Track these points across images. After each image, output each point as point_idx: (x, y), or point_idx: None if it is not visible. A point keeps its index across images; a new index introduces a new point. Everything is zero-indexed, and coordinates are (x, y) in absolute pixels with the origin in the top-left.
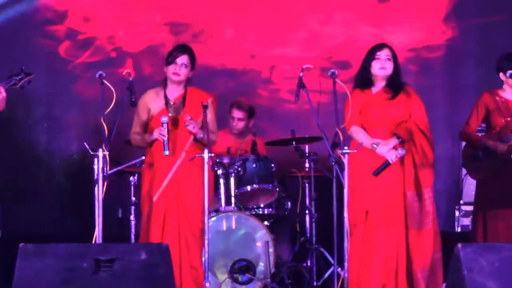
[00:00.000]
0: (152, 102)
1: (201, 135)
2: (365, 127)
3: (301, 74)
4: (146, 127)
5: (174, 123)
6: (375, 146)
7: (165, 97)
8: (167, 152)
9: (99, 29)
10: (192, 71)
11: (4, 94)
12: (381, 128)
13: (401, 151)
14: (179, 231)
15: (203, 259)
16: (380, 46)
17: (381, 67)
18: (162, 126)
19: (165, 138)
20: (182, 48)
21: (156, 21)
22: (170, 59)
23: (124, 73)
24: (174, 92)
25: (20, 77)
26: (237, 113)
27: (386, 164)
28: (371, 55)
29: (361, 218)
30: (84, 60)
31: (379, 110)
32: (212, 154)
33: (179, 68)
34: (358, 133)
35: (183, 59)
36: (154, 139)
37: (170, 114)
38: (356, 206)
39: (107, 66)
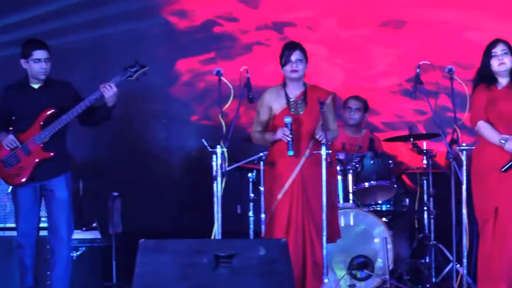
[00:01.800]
0: (273, 100)
1: (328, 143)
2: (491, 122)
3: (418, 70)
4: (267, 126)
5: (297, 122)
6: (503, 141)
7: (286, 95)
8: (291, 153)
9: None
10: (307, 65)
11: (115, 89)
12: (509, 124)
13: None
14: (303, 228)
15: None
16: (494, 43)
17: (500, 63)
18: (286, 126)
19: (289, 139)
20: (292, 45)
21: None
22: (284, 59)
23: (241, 70)
24: (295, 90)
25: (135, 69)
26: (353, 103)
27: None
28: (487, 53)
29: (491, 214)
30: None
31: (506, 105)
32: (330, 151)
33: (296, 65)
34: (485, 128)
35: (296, 55)
36: (278, 139)
37: (292, 112)
38: (486, 202)
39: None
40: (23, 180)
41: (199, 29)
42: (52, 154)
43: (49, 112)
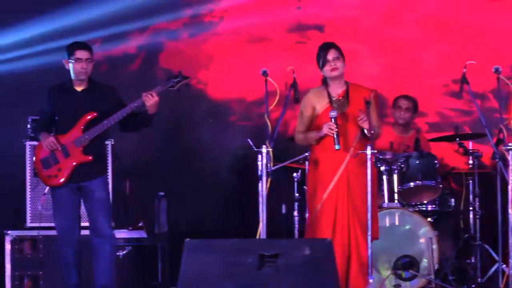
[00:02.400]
0: (316, 100)
1: (372, 131)
2: None
3: (464, 70)
4: (310, 126)
5: (341, 119)
6: None
7: (329, 95)
8: (337, 147)
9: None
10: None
11: (156, 98)
12: None
13: None
14: (348, 227)
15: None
16: None
17: None
18: (331, 121)
19: (335, 133)
20: (327, 45)
21: None
22: (321, 60)
23: (287, 70)
24: (337, 89)
25: (178, 79)
26: (404, 103)
27: None
28: None
29: None
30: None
31: None
32: (375, 151)
33: (334, 63)
34: None
35: (332, 53)
36: (324, 135)
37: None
38: None
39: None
40: (60, 181)
41: (237, 30)
42: (90, 158)
43: (90, 117)
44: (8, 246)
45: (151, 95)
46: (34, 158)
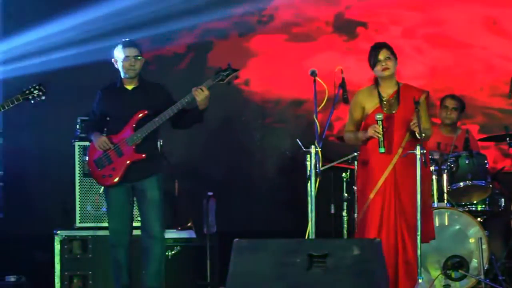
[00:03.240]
0: (366, 100)
1: (422, 135)
2: None
3: None
4: (360, 125)
5: (389, 120)
6: None
7: (379, 94)
8: (382, 150)
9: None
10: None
11: (206, 92)
12: None
13: None
14: (395, 227)
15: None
16: None
17: None
18: (377, 123)
19: (380, 136)
20: (378, 45)
21: None
22: (373, 60)
23: (336, 70)
24: (388, 89)
25: (227, 72)
26: (450, 102)
27: None
28: None
29: None
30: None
31: None
32: (425, 151)
33: (385, 63)
34: None
35: (384, 53)
36: (369, 137)
37: (385, 111)
38: None
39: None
40: (115, 180)
41: (285, 29)
42: (144, 156)
43: (141, 115)
44: (57, 246)
45: (201, 90)
46: (87, 159)
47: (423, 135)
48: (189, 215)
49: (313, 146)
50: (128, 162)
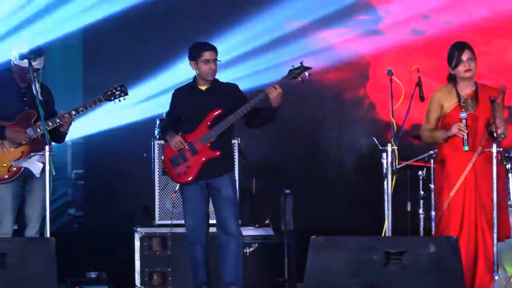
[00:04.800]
0: (444, 99)
1: (501, 134)
2: None
3: None
4: (438, 124)
5: (469, 119)
6: None
7: (458, 94)
8: (466, 148)
9: None
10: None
11: (279, 90)
12: None
13: None
14: (476, 224)
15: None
16: None
17: None
18: (461, 122)
19: (465, 134)
20: (461, 45)
21: None
22: (455, 60)
23: (412, 69)
24: (466, 89)
25: (299, 70)
26: None
27: None
28: None
29: None
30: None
31: None
32: (501, 149)
33: (468, 64)
34: None
35: (467, 54)
36: (452, 135)
37: (463, 111)
38: None
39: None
40: (190, 178)
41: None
42: (218, 153)
43: (216, 113)
44: (137, 243)
45: (274, 87)
46: (163, 158)
47: (502, 135)
48: (267, 212)
49: (389, 144)
50: (203, 159)
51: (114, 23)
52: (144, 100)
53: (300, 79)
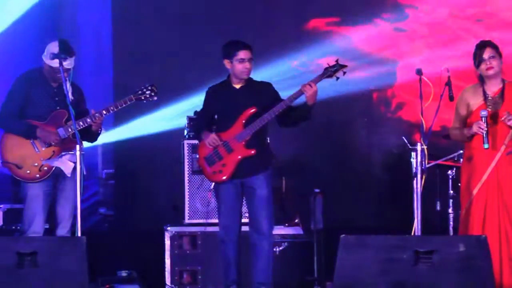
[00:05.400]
0: (471, 97)
1: None
2: None
3: None
4: (465, 122)
5: (494, 117)
6: None
7: (484, 92)
8: (486, 146)
9: None
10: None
11: (315, 88)
12: None
13: None
14: (499, 224)
15: None
16: None
17: None
18: (481, 120)
19: (484, 132)
20: (483, 43)
21: None
22: (477, 59)
23: (442, 69)
24: (492, 87)
25: (335, 68)
26: None
27: None
28: None
29: None
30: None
31: None
32: None
33: (489, 62)
34: None
35: (488, 52)
36: (473, 133)
37: (489, 109)
38: None
39: None
40: (225, 177)
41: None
42: (253, 151)
43: (251, 111)
44: (167, 242)
45: (309, 85)
46: (197, 156)
47: None
48: (296, 211)
49: (418, 144)
50: (239, 157)
51: (145, 22)
52: (175, 100)
53: (335, 77)
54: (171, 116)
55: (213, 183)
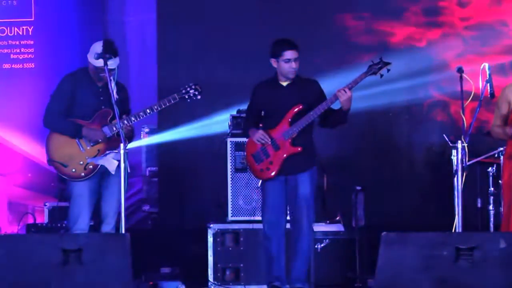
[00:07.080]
0: None
1: None
2: None
3: None
4: (507, 120)
5: None
6: None
7: None
8: None
9: None
10: None
11: (349, 93)
12: None
13: None
14: None
15: None
16: None
17: None
18: None
19: None
20: None
21: None
22: None
23: (481, 67)
24: None
25: (379, 66)
26: None
27: None
28: None
29: None
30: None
31: None
32: None
33: None
34: None
35: None
36: None
37: None
38: None
39: None
40: (272, 174)
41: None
42: (300, 149)
43: (297, 109)
44: (210, 239)
45: (344, 91)
46: (245, 154)
47: None
48: (338, 208)
49: (459, 141)
50: (285, 155)
51: (189, 22)
52: (219, 99)
53: (380, 75)
54: (215, 114)
55: (260, 180)
